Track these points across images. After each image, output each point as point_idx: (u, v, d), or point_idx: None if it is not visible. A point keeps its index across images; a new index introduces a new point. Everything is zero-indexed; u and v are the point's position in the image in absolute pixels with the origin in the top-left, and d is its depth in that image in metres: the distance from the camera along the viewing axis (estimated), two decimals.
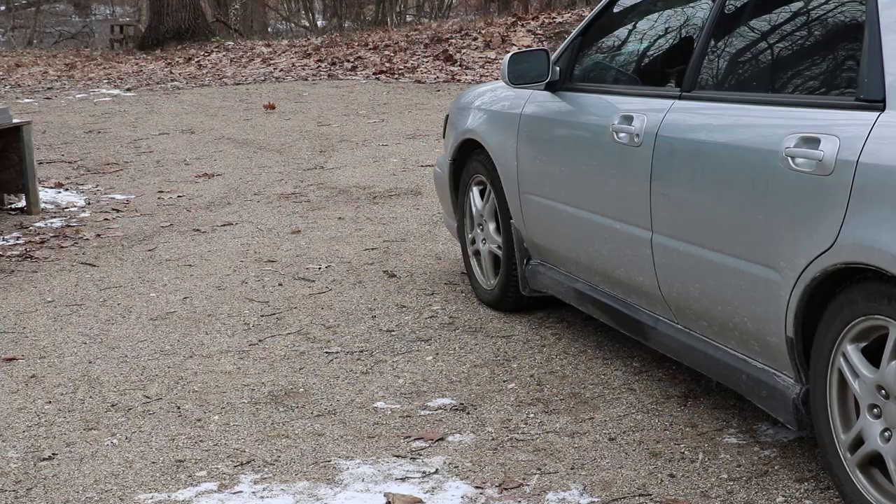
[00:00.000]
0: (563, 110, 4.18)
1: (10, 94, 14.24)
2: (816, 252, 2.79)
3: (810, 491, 3.09)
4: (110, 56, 20.22)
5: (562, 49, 4.33)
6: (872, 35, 2.77)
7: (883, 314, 2.67)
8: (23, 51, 22.49)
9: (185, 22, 21.14)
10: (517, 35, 16.40)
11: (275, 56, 17.86)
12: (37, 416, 3.86)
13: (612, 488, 3.17)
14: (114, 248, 6.35)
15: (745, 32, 3.48)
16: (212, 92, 14.08)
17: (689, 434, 3.52)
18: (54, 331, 4.84)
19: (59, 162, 9.25)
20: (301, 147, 9.64)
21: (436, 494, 3.17)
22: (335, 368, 4.27)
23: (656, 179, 3.49)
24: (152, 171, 8.80)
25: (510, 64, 4.21)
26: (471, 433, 3.60)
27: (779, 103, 3.11)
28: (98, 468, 3.43)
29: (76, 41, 28.08)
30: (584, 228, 4.05)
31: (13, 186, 7.28)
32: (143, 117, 11.81)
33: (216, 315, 4.99)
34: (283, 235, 6.47)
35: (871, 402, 2.75)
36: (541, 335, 4.54)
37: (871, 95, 2.72)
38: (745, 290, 3.11)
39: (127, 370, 4.31)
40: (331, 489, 3.24)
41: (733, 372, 3.27)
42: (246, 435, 3.66)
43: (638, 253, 3.66)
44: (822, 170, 2.77)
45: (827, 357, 2.87)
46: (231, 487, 3.27)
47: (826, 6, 3.20)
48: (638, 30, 4.29)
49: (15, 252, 6.27)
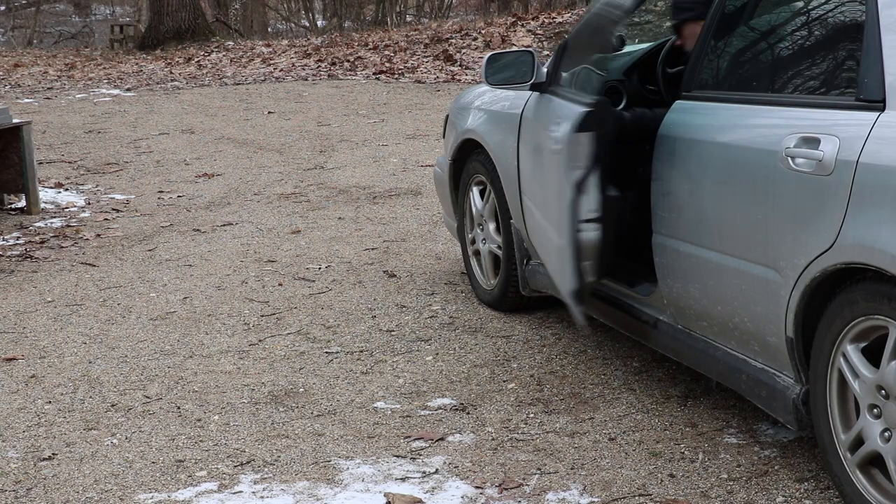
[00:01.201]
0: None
1: (10, 94, 14.23)
2: (816, 252, 2.79)
3: (810, 491, 3.09)
4: (110, 56, 20.21)
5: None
6: (880, 34, 2.75)
7: (883, 314, 2.67)
8: (23, 51, 22.48)
9: (185, 22, 21.12)
10: (517, 35, 16.40)
11: (275, 56, 17.85)
12: (37, 416, 3.86)
13: (612, 488, 3.17)
14: (114, 248, 6.35)
15: (744, 32, 3.48)
16: (212, 92, 14.07)
17: (689, 434, 3.52)
18: (54, 331, 4.84)
19: (59, 162, 9.25)
20: (301, 147, 9.64)
21: (436, 494, 3.18)
22: (335, 368, 4.27)
23: (656, 180, 3.49)
24: (152, 171, 8.80)
25: (489, 63, 4.21)
26: (471, 433, 3.60)
27: (776, 103, 3.11)
28: (98, 468, 3.43)
29: (76, 41, 28.08)
30: None
31: (13, 186, 7.28)
32: (143, 117, 11.80)
33: (216, 315, 4.99)
34: (283, 235, 6.47)
35: (871, 402, 2.75)
36: (541, 335, 4.54)
37: (870, 95, 2.72)
38: (745, 289, 3.11)
39: (127, 370, 4.31)
40: (331, 489, 3.24)
41: (733, 372, 3.27)
42: (246, 435, 3.66)
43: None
44: (821, 170, 2.77)
45: (827, 357, 2.87)
46: (231, 487, 3.27)
47: (826, 6, 3.20)
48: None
49: (15, 252, 6.27)
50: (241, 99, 13.18)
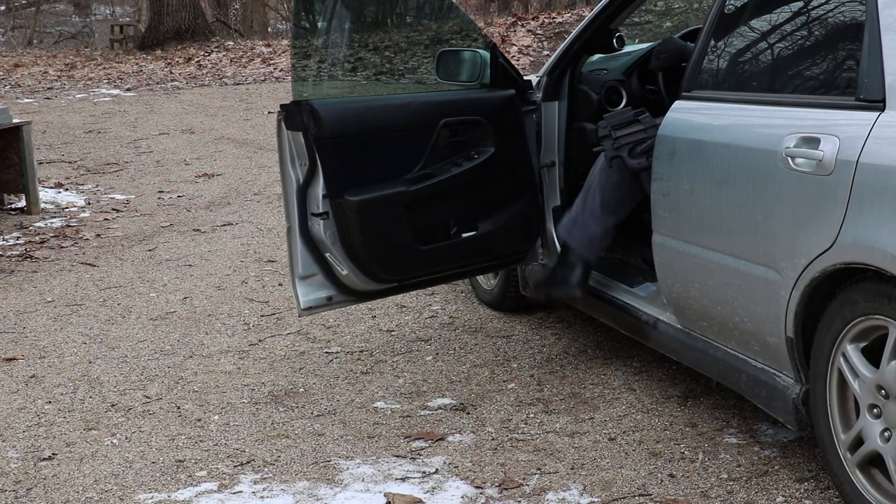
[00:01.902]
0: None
1: (10, 94, 14.24)
2: (816, 252, 2.79)
3: (810, 491, 3.09)
4: (110, 56, 20.21)
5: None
6: (880, 34, 2.75)
7: (883, 314, 2.67)
8: (23, 51, 22.48)
9: (185, 22, 21.12)
10: (517, 35, 16.39)
11: (275, 56, 17.85)
12: (37, 416, 3.86)
13: (612, 488, 3.17)
14: (114, 248, 6.35)
15: (744, 32, 3.47)
16: (212, 92, 14.08)
17: (689, 434, 3.52)
18: (54, 331, 4.84)
19: (59, 162, 9.25)
20: None
21: (436, 494, 3.17)
22: (335, 368, 4.27)
23: (656, 180, 3.49)
24: (152, 171, 8.80)
25: (440, 58, 4.23)
26: (471, 433, 3.60)
27: (776, 103, 3.11)
28: (98, 468, 3.43)
29: (76, 41, 28.06)
30: None
31: (13, 186, 7.28)
32: (143, 117, 11.81)
33: (216, 315, 4.99)
34: (283, 235, 6.46)
35: (870, 402, 2.75)
36: (541, 335, 4.54)
37: (870, 95, 2.72)
38: (745, 289, 3.11)
39: (127, 370, 4.31)
40: (331, 489, 3.24)
41: (733, 372, 3.27)
42: (246, 435, 3.66)
43: None
44: (821, 170, 2.77)
45: (827, 357, 2.87)
46: (231, 487, 3.27)
47: (826, 6, 3.20)
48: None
49: (15, 252, 6.27)
50: (241, 99, 13.18)
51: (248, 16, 28.58)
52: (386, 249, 3.73)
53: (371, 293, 3.89)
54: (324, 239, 3.68)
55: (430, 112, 3.82)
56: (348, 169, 3.66)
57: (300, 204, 3.69)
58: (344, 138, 3.64)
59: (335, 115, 3.64)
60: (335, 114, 3.64)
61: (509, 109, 3.97)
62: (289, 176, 3.71)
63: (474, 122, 3.87)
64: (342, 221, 3.66)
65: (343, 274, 3.74)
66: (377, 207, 3.67)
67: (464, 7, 30.92)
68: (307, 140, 3.62)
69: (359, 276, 3.74)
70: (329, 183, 3.62)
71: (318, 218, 3.67)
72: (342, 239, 3.68)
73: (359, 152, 3.68)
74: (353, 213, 3.63)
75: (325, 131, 3.59)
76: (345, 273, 3.73)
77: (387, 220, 3.70)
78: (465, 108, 3.89)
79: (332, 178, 3.62)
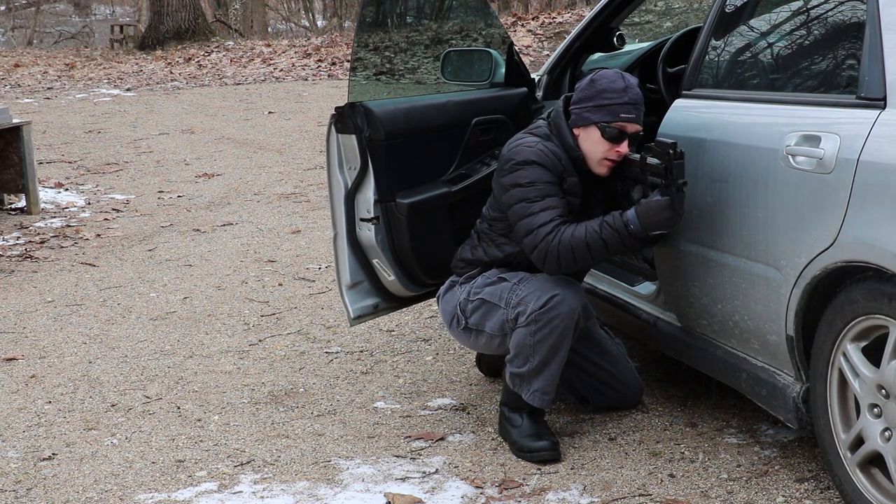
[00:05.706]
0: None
1: (10, 94, 14.24)
2: (817, 250, 2.79)
3: (810, 491, 3.08)
4: (110, 56, 20.21)
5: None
6: (881, 33, 2.74)
7: (883, 313, 2.66)
8: (23, 51, 22.48)
9: (185, 22, 21.14)
10: (517, 35, 16.39)
11: (275, 56, 17.86)
12: (37, 416, 3.86)
13: (612, 488, 3.17)
14: (114, 248, 6.35)
15: (744, 31, 3.47)
16: (212, 92, 14.08)
17: (689, 434, 3.52)
18: (54, 331, 4.84)
19: (59, 162, 9.25)
20: (301, 147, 9.64)
21: (436, 494, 3.17)
22: (335, 368, 4.26)
23: None
24: (152, 171, 8.79)
25: (446, 58, 4.22)
26: (471, 433, 3.60)
27: (777, 102, 3.10)
28: (98, 468, 3.43)
29: (76, 41, 28.06)
30: None
31: (13, 186, 7.28)
32: (143, 117, 11.81)
33: (216, 315, 4.99)
34: (283, 235, 6.47)
35: (871, 401, 2.75)
36: None
37: (871, 94, 2.72)
38: (746, 288, 3.11)
39: (127, 370, 4.31)
40: (331, 489, 3.23)
41: (733, 370, 3.27)
42: (246, 435, 3.65)
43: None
44: (822, 168, 2.77)
45: (827, 356, 2.86)
46: (231, 487, 3.27)
47: (826, 4, 3.19)
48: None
49: (15, 252, 6.27)
50: (241, 99, 13.18)
51: (248, 16, 28.58)
52: (430, 252, 3.71)
53: (411, 299, 3.89)
54: (374, 244, 3.66)
55: (463, 111, 3.83)
56: (397, 171, 3.64)
57: (348, 209, 3.65)
58: (396, 139, 3.63)
59: (389, 117, 3.62)
60: (388, 115, 3.63)
61: (524, 107, 3.98)
62: (337, 181, 3.66)
63: (499, 121, 3.88)
64: (392, 225, 3.64)
65: (389, 280, 3.73)
66: (425, 210, 3.67)
67: (463, 7, 30.91)
68: (360, 143, 3.58)
69: (402, 281, 3.73)
70: (380, 186, 3.60)
71: (369, 223, 3.63)
72: (390, 243, 3.66)
73: (405, 154, 3.67)
74: (404, 216, 3.61)
75: (380, 133, 3.57)
76: (391, 279, 3.72)
77: (433, 222, 3.69)
78: (490, 107, 3.91)
79: (383, 181, 3.59)
